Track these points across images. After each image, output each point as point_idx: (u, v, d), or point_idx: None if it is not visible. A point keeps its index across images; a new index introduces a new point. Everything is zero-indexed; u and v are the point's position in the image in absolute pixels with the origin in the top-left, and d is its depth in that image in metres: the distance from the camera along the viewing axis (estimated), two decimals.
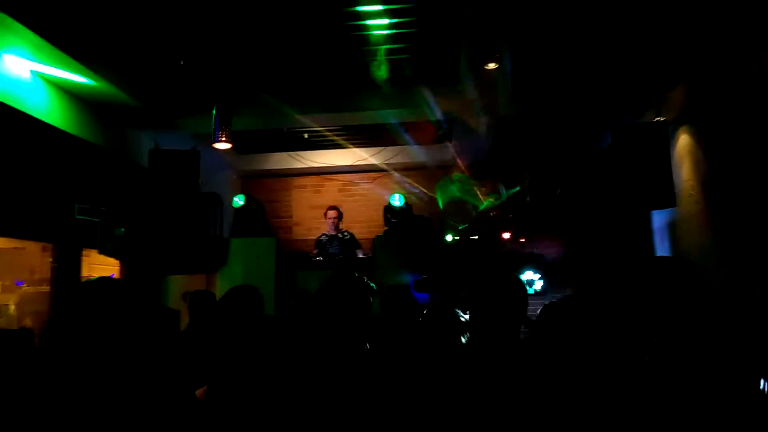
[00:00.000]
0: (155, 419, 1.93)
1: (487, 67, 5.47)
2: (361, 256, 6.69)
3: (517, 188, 7.08)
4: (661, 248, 6.12)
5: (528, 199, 6.76)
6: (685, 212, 5.46)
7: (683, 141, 5.56)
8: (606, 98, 5.98)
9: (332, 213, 6.75)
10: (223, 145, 5.59)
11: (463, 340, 2.74)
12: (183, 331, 2.57)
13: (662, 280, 1.49)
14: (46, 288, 5.01)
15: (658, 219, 6.18)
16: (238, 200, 6.90)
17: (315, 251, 6.73)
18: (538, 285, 5.39)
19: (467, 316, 2.66)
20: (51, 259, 5.10)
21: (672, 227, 5.86)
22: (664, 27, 4.75)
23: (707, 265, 4.93)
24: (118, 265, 5.63)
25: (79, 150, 5.13)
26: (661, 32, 4.81)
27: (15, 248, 5.23)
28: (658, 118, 5.68)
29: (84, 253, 5.24)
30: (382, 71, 5.44)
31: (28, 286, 5.24)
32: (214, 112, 5.41)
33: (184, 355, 2.16)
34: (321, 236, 6.83)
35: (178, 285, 6.06)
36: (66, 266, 5.03)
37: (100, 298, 2.28)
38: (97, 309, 2.26)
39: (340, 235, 6.79)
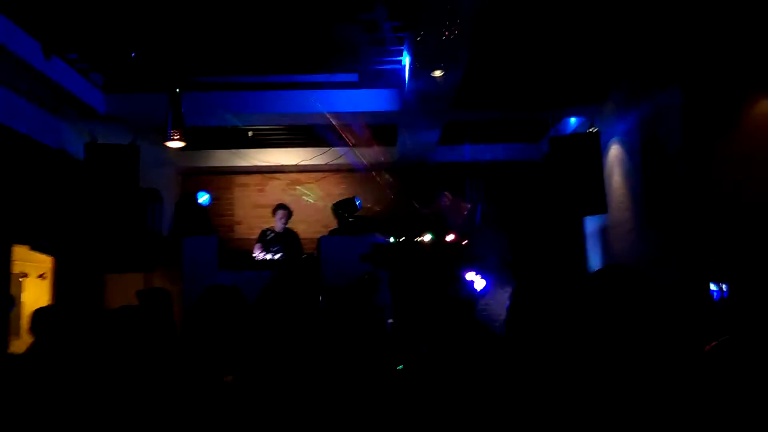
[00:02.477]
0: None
1: (433, 74, 5.63)
2: (303, 256, 6.67)
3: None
4: (593, 251, 6.47)
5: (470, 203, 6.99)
6: (615, 218, 5.80)
7: (614, 152, 5.91)
8: (543, 108, 6.27)
9: (282, 212, 6.71)
10: (175, 144, 5.47)
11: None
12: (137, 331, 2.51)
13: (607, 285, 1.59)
14: None
15: (591, 224, 6.53)
16: (203, 198, 6.88)
17: (258, 245, 6.63)
18: (480, 285, 5.59)
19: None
20: None
21: (603, 232, 6.21)
22: (596, 44, 5.06)
23: (634, 266, 5.29)
24: (52, 262, 5.39)
25: (7, 141, 4.88)
26: (593, 48, 5.12)
27: None
28: (590, 130, 6.01)
29: (15, 248, 4.98)
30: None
31: None
32: (169, 108, 5.29)
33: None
34: (267, 230, 6.76)
35: (116, 284, 5.86)
36: None
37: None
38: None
39: (287, 234, 6.76)
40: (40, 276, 5.49)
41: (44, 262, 5.47)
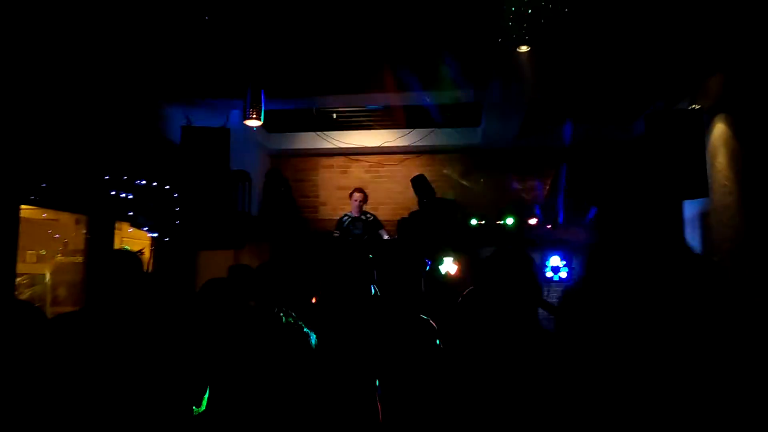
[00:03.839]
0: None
1: (519, 50, 5.41)
2: (386, 237, 6.72)
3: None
4: (692, 239, 6.03)
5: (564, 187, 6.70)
6: (718, 203, 5.36)
7: (719, 130, 5.44)
8: (640, 84, 5.87)
9: (358, 195, 6.78)
10: (253, 123, 5.66)
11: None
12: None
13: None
14: (79, 259, 5.16)
15: (690, 209, 6.08)
16: None
17: (336, 232, 6.77)
18: (563, 273, 5.36)
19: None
20: (85, 231, 5.24)
21: (703, 218, 5.76)
22: (701, 12, 4.63)
23: (738, 257, 4.86)
24: (150, 239, 5.76)
25: (113, 123, 5.23)
26: (698, 18, 4.69)
27: (50, 220, 5.40)
28: (693, 106, 5.56)
29: (117, 226, 5.37)
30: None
31: (62, 256, 5.40)
32: (247, 90, 5.49)
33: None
34: (344, 217, 6.87)
35: (208, 260, 6.19)
36: (99, 238, 5.17)
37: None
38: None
39: (363, 217, 6.83)
40: (139, 252, 5.89)
41: (144, 238, 5.87)
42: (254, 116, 5.52)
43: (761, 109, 4.73)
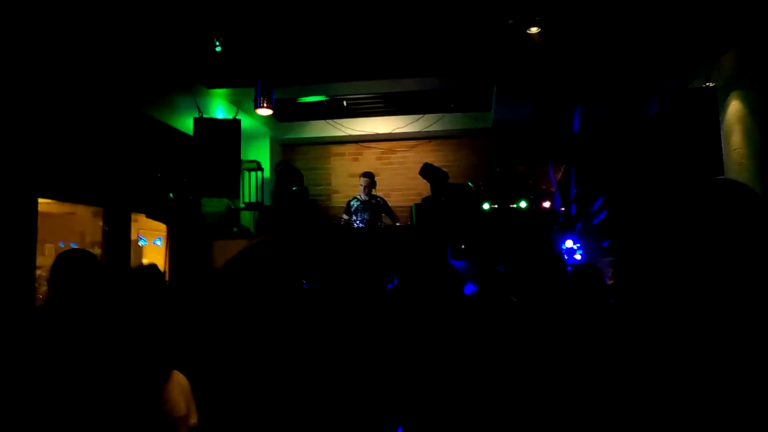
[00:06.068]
0: None
1: (529, 31, 5.37)
2: (390, 223, 6.75)
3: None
4: None
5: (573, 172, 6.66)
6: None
7: (733, 107, 5.37)
8: (653, 63, 5.80)
9: (364, 180, 6.83)
10: (264, 111, 5.68)
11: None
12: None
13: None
14: (97, 251, 5.22)
15: None
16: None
17: (344, 217, 6.81)
18: (577, 255, 5.36)
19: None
20: (102, 223, 5.30)
21: None
22: None
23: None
24: (165, 229, 5.82)
25: (128, 116, 5.27)
26: None
27: (67, 213, 5.47)
28: (707, 84, 5.50)
29: (132, 217, 5.43)
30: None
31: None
32: (258, 77, 5.52)
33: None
34: (352, 200, 6.91)
35: (223, 250, 6.23)
36: (116, 229, 5.23)
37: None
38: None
39: (372, 201, 6.87)
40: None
41: (159, 229, 5.93)
42: (265, 105, 5.54)
43: None
